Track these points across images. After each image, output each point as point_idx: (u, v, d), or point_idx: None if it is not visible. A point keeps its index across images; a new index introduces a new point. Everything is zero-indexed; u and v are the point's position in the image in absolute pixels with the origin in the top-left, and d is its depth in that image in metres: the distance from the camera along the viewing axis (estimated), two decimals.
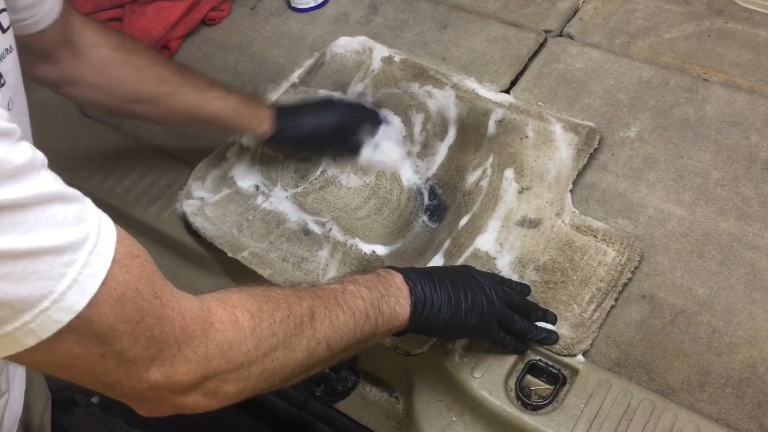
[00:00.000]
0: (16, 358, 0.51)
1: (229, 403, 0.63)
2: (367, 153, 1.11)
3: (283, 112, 1.07)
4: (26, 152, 0.49)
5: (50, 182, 0.50)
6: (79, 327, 0.50)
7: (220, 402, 0.62)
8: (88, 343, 0.52)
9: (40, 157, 0.50)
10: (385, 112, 1.15)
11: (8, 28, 0.66)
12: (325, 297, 0.71)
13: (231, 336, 0.61)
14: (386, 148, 1.11)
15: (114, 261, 0.52)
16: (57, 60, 0.91)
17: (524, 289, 0.91)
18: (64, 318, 0.49)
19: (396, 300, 0.76)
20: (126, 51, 0.95)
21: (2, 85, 0.61)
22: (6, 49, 0.66)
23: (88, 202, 0.53)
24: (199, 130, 1.10)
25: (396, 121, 1.15)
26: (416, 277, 0.79)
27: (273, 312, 0.65)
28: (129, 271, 0.53)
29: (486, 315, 0.81)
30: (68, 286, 0.49)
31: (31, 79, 0.94)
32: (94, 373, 0.55)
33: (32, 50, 0.86)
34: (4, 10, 0.65)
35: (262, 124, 1.04)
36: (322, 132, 1.09)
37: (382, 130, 1.12)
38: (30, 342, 0.49)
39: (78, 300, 0.50)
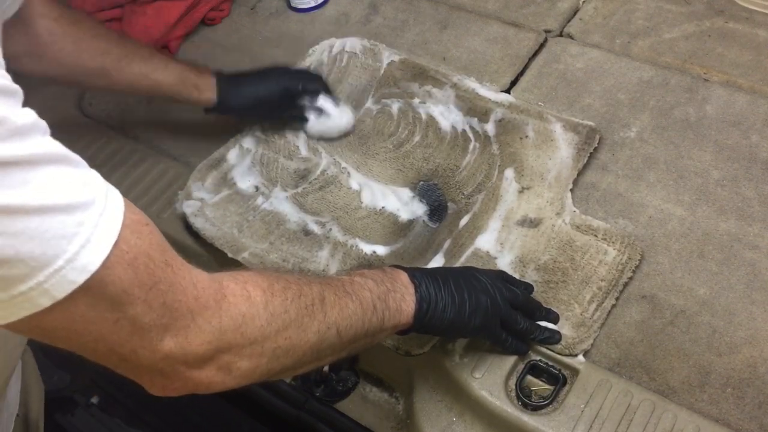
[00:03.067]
0: (30, 325, 0.51)
1: (243, 383, 0.63)
2: (314, 121, 1.14)
3: (226, 80, 1.09)
4: (30, 114, 0.49)
5: (57, 145, 0.51)
6: (93, 288, 0.51)
7: (233, 379, 0.62)
8: (102, 308, 0.52)
9: (44, 124, 0.51)
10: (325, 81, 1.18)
11: None
12: (334, 285, 0.71)
13: (244, 309, 0.61)
14: (331, 110, 1.13)
15: (124, 225, 0.52)
16: (8, 34, 0.90)
17: (528, 287, 0.91)
18: (78, 278, 0.49)
19: (402, 296, 0.76)
20: (67, 22, 0.96)
21: None
22: None
23: (94, 171, 0.54)
24: (147, 98, 1.13)
25: (335, 90, 1.19)
26: (421, 276, 0.79)
27: (284, 290, 0.65)
28: (140, 237, 0.54)
29: (489, 315, 0.81)
30: (81, 245, 0.49)
31: None
32: (108, 342, 0.55)
33: None
34: None
35: (205, 93, 1.07)
36: (265, 98, 1.11)
37: (324, 97, 1.14)
38: (45, 302, 0.49)
39: (92, 260, 0.50)
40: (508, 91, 1.19)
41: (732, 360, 0.86)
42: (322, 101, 1.13)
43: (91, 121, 1.29)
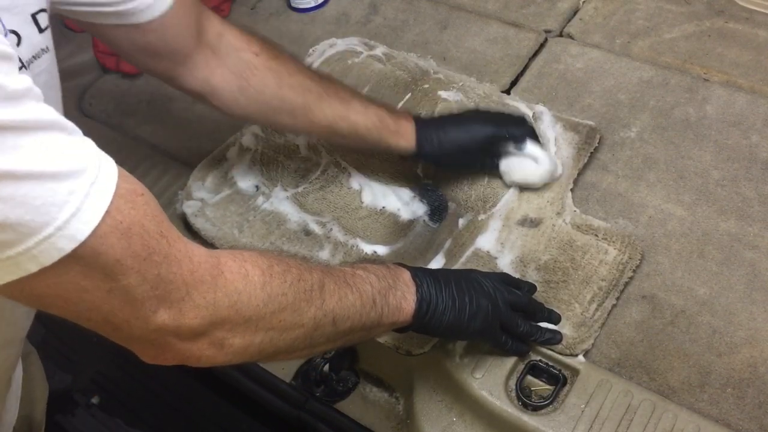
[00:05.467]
0: (21, 290, 0.51)
1: (234, 360, 0.63)
2: (509, 165, 1.02)
3: (425, 125, 1.01)
4: (26, 80, 0.49)
5: (50, 111, 0.51)
6: (86, 257, 0.51)
7: (224, 355, 0.62)
8: (95, 277, 0.52)
9: (38, 90, 0.51)
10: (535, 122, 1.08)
11: (46, 28, 0.66)
12: (335, 274, 0.71)
13: (240, 287, 0.61)
14: (540, 156, 1.01)
15: (118, 195, 0.52)
16: (197, 66, 0.89)
17: (531, 288, 0.91)
18: (67, 246, 0.49)
19: (402, 294, 0.76)
20: (268, 57, 0.92)
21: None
22: (42, 49, 0.66)
23: (88, 139, 0.53)
24: (344, 143, 1.05)
25: (547, 131, 1.07)
26: (423, 276, 0.79)
27: (284, 273, 0.65)
28: (134, 207, 0.54)
29: (489, 320, 0.81)
30: (71, 214, 0.49)
31: (180, 90, 0.93)
32: (102, 311, 0.55)
33: (163, 53, 0.85)
34: (42, 10, 0.65)
35: (404, 138, 0.99)
36: (466, 146, 1.01)
37: (531, 143, 1.02)
38: (32, 268, 0.49)
39: (81, 228, 0.50)
40: (508, 91, 1.19)
41: (732, 360, 0.86)
42: (530, 148, 1.01)
43: (91, 121, 1.29)
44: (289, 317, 0.65)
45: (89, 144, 0.53)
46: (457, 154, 1.01)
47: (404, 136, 0.99)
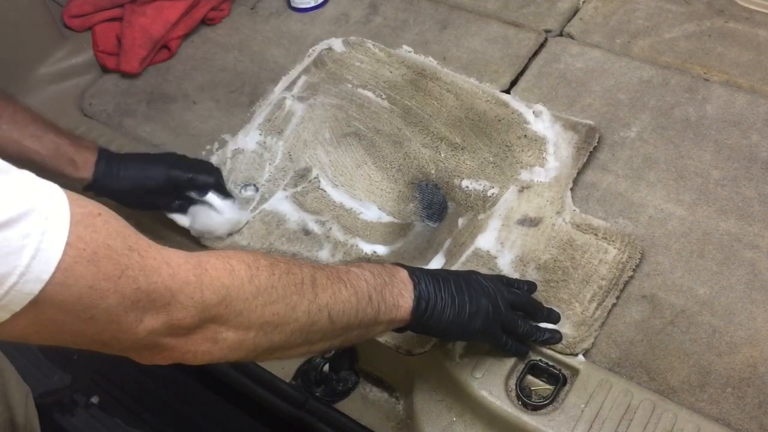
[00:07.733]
0: (2, 333, 0.50)
1: (230, 355, 0.63)
2: (199, 215, 1.03)
3: (109, 160, 1.00)
4: None
5: None
6: (56, 293, 0.50)
7: (220, 350, 0.62)
8: (73, 308, 0.51)
9: None
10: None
11: None
12: (327, 271, 0.71)
13: (227, 282, 0.60)
14: (219, 206, 1.03)
15: (74, 222, 0.51)
16: None
17: (531, 287, 0.91)
18: (34, 288, 0.48)
19: (399, 292, 0.76)
20: None
21: None
22: None
23: (26, 172, 0.51)
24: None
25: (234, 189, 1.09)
26: (421, 274, 0.79)
27: (271, 266, 0.64)
28: (95, 229, 0.52)
29: (490, 319, 0.81)
30: (31, 256, 0.48)
31: None
32: (87, 334, 0.54)
33: None
34: None
35: (82, 170, 0.97)
36: (147, 185, 1.01)
37: (213, 193, 1.03)
38: (4, 316, 0.48)
39: (44, 269, 0.48)
40: (508, 91, 1.19)
41: (732, 360, 0.86)
42: (210, 196, 1.02)
43: (91, 121, 1.29)
44: (282, 310, 0.64)
45: (29, 177, 0.51)
46: (135, 192, 1.01)
47: (82, 168, 0.97)
